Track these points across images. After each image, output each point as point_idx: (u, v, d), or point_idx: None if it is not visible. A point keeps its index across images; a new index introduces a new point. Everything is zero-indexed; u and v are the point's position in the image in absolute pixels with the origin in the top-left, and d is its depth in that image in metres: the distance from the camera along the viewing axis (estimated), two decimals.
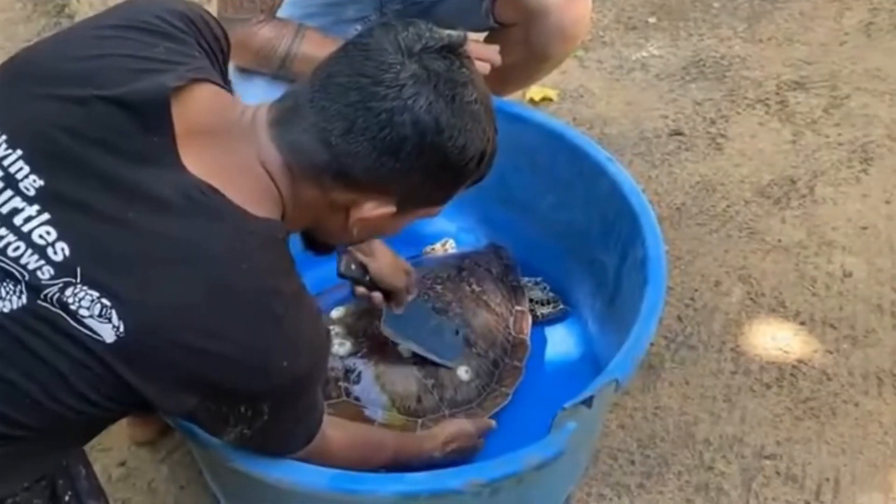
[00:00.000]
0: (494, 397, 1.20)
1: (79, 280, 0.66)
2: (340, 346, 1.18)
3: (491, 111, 0.80)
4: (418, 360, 1.19)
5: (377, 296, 1.15)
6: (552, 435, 0.90)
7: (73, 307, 0.66)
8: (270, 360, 0.71)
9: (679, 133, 1.76)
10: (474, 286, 1.30)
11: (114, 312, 0.66)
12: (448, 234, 1.47)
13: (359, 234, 0.81)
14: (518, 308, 1.30)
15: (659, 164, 1.70)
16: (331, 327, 1.20)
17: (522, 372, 1.23)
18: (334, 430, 0.90)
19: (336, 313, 1.24)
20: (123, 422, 1.09)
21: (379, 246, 1.13)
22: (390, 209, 0.78)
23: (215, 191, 0.70)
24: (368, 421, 1.13)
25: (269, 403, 0.74)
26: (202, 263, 0.68)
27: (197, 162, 0.71)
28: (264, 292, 0.70)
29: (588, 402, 0.91)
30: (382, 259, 1.14)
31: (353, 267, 1.12)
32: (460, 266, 1.33)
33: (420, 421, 1.15)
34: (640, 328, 1.00)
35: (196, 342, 0.68)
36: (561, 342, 1.32)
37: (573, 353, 1.31)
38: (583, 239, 1.30)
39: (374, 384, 1.15)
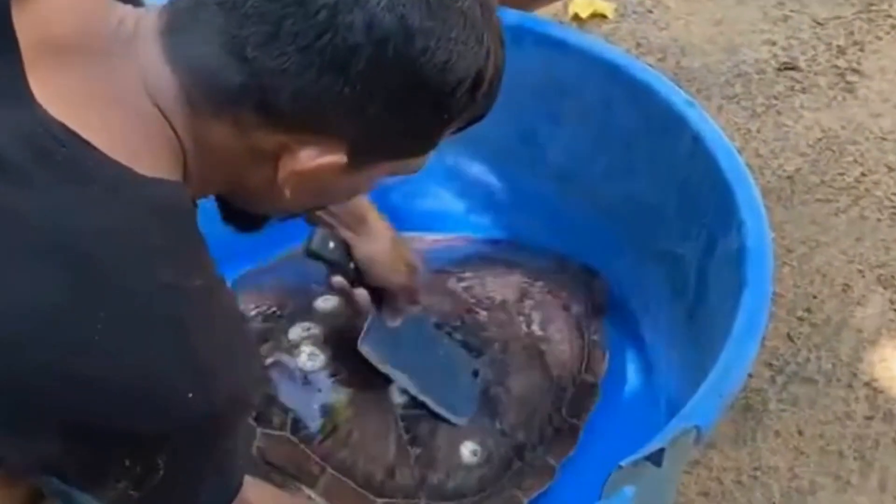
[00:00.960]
0: (501, 501, 1.18)
1: None
2: (310, 358, 1.17)
3: (492, 14, 0.77)
4: (409, 408, 1.18)
5: (361, 294, 1.15)
6: None
7: None
8: (169, 389, 0.70)
9: (792, 67, 1.77)
10: (535, 328, 1.29)
11: None
12: (454, 217, 1.47)
13: (295, 198, 0.79)
14: (587, 377, 1.28)
15: (762, 113, 1.70)
16: (306, 327, 1.19)
17: (553, 475, 1.21)
18: (257, 498, 0.89)
19: (324, 303, 1.23)
20: None
21: (374, 220, 1.12)
22: (338, 159, 0.75)
23: (78, 138, 0.69)
24: (310, 477, 1.12)
25: (167, 455, 0.73)
26: (62, 250, 0.67)
27: (52, 93, 0.70)
28: (160, 289, 0.69)
29: (656, 459, 0.91)
30: (377, 240, 1.13)
31: (330, 245, 1.09)
32: (525, 289, 1.32)
33: (381, 502, 1.14)
34: (732, 352, 1.00)
35: (57, 362, 0.67)
36: (618, 370, 1.33)
37: (634, 385, 1.32)
38: (650, 221, 1.30)
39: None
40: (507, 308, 1.29)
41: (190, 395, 0.70)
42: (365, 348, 1.15)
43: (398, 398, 1.18)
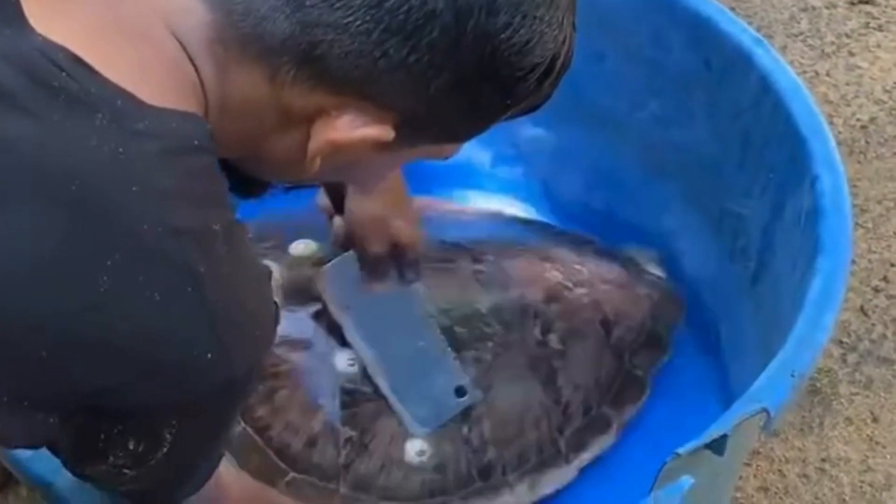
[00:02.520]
0: None
1: None
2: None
3: None
4: (356, 383, 1.16)
5: (339, 228, 1.17)
6: (656, 496, 0.90)
7: None
8: (186, 351, 0.70)
9: (867, 1, 1.75)
10: (551, 338, 1.23)
11: None
12: (477, 169, 1.47)
13: (321, 171, 0.79)
14: (607, 412, 1.23)
15: (832, 53, 1.69)
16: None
17: None
18: (228, 477, 0.90)
19: (298, 248, 1.24)
20: None
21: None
22: (383, 133, 0.75)
23: (81, 63, 0.68)
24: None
25: (175, 429, 0.73)
26: (62, 187, 0.66)
27: (53, 19, 0.69)
28: (175, 235, 0.69)
29: (717, 447, 0.91)
30: (371, 196, 1.14)
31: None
32: (556, 291, 1.26)
33: (292, 476, 1.12)
34: (805, 326, 0.99)
35: (57, 320, 0.67)
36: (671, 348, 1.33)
37: (691, 365, 1.31)
38: (707, 176, 1.30)
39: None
40: (524, 306, 1.24)
41: (209, 356, 0.70)
42: (327, 292, 1.14)
43: (346, 366, 1.16)
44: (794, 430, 1.31)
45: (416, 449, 1.15)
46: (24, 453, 0.90)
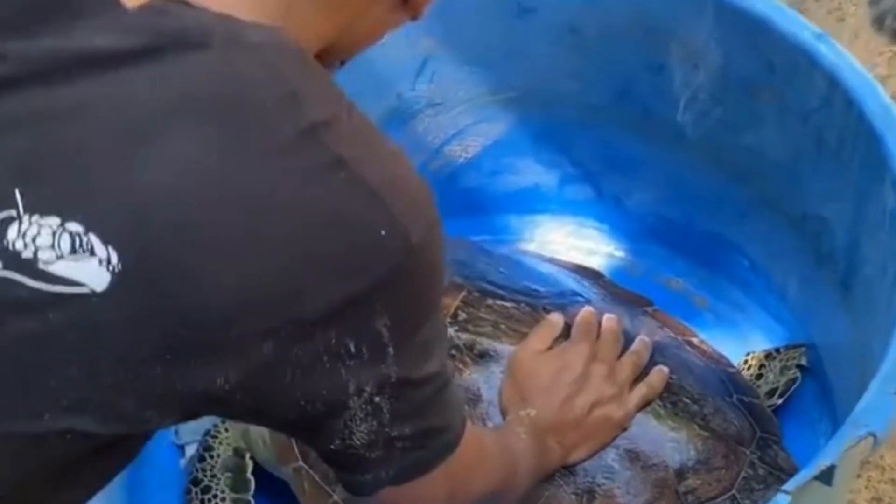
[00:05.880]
0: None
1: (22, 209, 0.68)
2: None
3: None
4: None
5: None
6: None
7: (26, 255, 0.67)
8: (359, 230, 0.71)
9: None
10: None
11: (93, 237, 0.67)
12: (546, 192, 1.46)
13: (409, 17, 0.85)
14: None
15: None
16: None
17: None
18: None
19: None
20: None
21: None
22: None
23: (182, 4, 0.71)
24: None
25: (386, 317, 0.74)
26: (207, 111, 0.69)
27: None
28: (310, 129, 0.71)
29: (825, 477, 0.88)
30: None
31: None
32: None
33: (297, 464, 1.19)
34: None
35: (238, 226, 0.69)
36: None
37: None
38: (783, 180, 1.27)
39: None
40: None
41: (382, 232, 0.71)
42: None
43: None
44: None
45: None
46: None
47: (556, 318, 1.20)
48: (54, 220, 0.68)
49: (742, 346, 1.35)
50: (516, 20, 1.34)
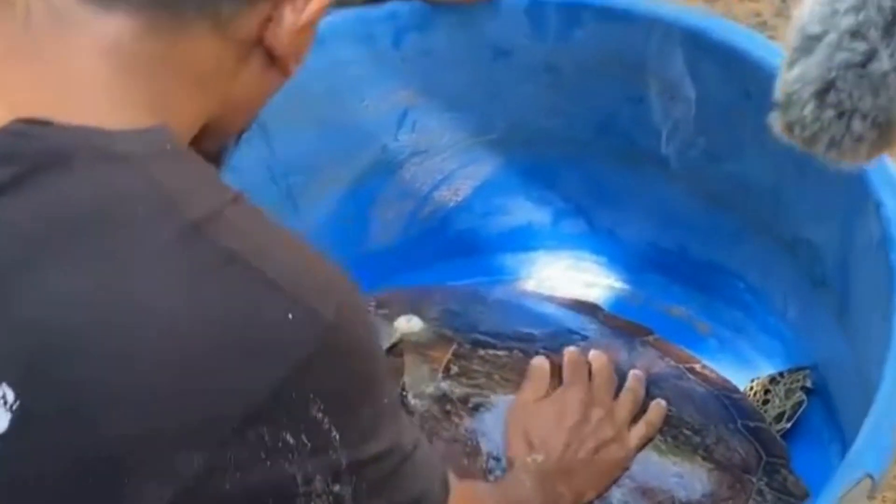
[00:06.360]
0: None
1: None
2: None
3: None
4: None
5: None
6: None
7: None
8: (264, 323, 0.68)
9: None
10: None
11: None
12: (540, 229, 1.46)
13: (291, 67, 0.81)
14: None
15: None
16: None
17: None
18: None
19: (402, 323, 1.26)
20: None
21: None
22: None
23: (35, 123, 0.68)
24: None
25: (322, 406, 0.70)
26: (68, 235, 0.67)
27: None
28: (192, 228, 0.68)
29: None
30: None
31: None
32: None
33: None
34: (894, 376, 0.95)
35: (120, 349, 0.66)
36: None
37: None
38: (772, 204, 1.26)
39: None
40: None
41: (290, 316, 0.68)
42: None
43: None
44: None
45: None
46: None
47: (541, 363, 1.20)
48: None
49: (747, 369, 1.33)
50: (492, 63, 1.33)
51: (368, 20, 1.29)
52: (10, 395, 0.65)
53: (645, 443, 1.17)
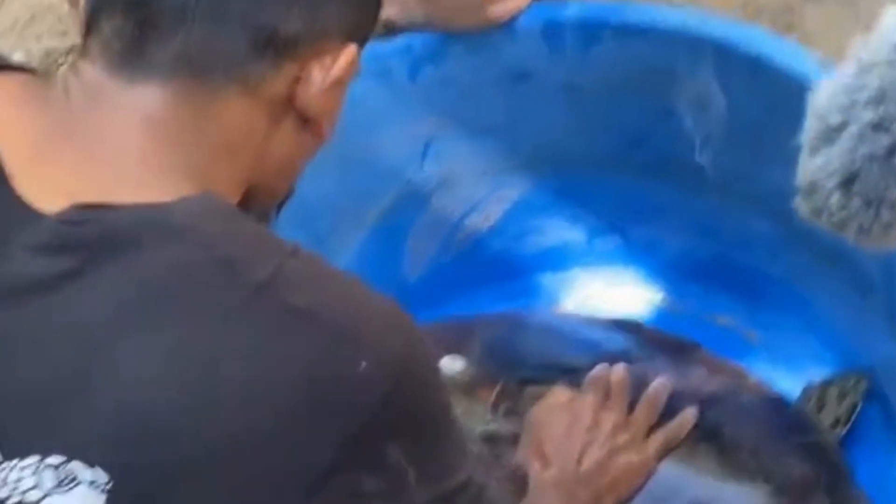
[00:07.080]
0: None
1: (1, 457, 0.68)
2: None
3: None
4: None
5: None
6: None
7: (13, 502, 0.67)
8: (339, 376, 0.71)
9: None
10: None
11: (76, 464, 0.67)
12: (575, 248, 1.44)
13: (327, 128, 0.83)
14: None
15: None
16: None
17: None
18: None
19: (445, 363, 1.26)
20: None
21: None
22: (351, 51, 0.80)
23: (94, 208, 0.70)
24: None
25: (400, 446, 0.74)
26: (142, 316, 0.69)
27: (54, 189, 0.72)
28: (256, 290, 0.70)
29: None
30: None
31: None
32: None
33: None
34: None
35: (207, 418, 0.68)
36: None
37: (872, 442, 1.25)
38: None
39: None
40: None
41: (363, 363, 0.70)
42: None
43: None
44: None
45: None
46: None
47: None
48: (33, 459, 0.67)
49: (799, 376, 1.31)
50: (512, 87, 1.31)
51: (383, 55, 1.27)
52: (104, 477, 0.67)
53: (666, 449, 1.17)
